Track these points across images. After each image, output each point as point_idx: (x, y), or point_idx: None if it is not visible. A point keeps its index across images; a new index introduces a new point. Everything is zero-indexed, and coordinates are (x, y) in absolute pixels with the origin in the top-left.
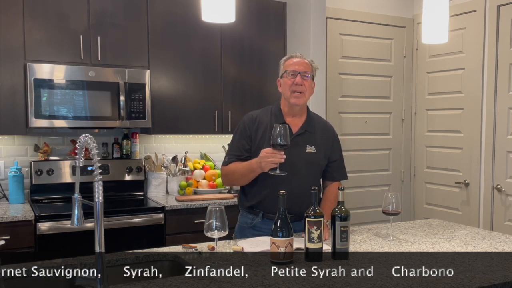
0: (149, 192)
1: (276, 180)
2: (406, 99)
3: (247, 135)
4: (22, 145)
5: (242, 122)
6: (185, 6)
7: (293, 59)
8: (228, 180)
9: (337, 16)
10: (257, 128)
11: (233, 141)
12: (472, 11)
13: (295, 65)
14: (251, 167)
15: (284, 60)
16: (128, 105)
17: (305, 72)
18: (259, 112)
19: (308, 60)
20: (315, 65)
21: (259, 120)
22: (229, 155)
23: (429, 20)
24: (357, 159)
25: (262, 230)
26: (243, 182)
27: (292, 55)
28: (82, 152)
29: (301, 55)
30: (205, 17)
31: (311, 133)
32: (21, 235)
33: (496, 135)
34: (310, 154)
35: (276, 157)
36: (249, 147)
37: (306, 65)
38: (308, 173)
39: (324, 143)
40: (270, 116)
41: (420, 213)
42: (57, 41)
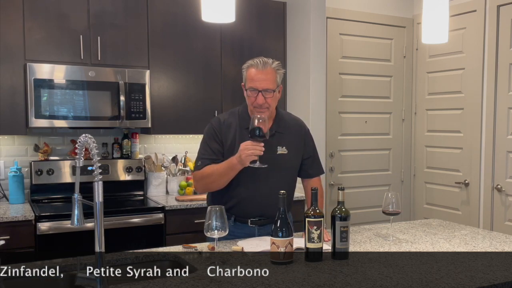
0: (149, 192)
1: (249, 184)
2: (406, 99)
3: (218, 138)
4: (22, 145)
5: (210, 127)
6: (185, 6)
7: (253, 70)
8: (203, 185)
9: (337, 16)
10: (226, 132)
11: (204, 146)
12: (472, 11)
13: (255, 81)
14: (231, 164)
15: (246, 67)
16: (128, 105)
17: (266, 90)
18: (227, 115)
19: (271, 67)
20: (281, 71)
21: (228, 123)
22: (202, 159)
23: (429, 20)
24: (357, 159)
25: (235, 234)
26: (221, 184)
27: (253, 63)
28: (82, 152)
29: (264, 61)
30: (205, 17)
31: (281, 133)
32: (21, 235)
33: (496, 135)
34: (282, 155)
35: (256, 149)
36: (222, 150)
37: (268, 79)
38: (281, 175)
39: (296, 142)
40: (238, 119)
41: (420, 213)
42: (57, 41)
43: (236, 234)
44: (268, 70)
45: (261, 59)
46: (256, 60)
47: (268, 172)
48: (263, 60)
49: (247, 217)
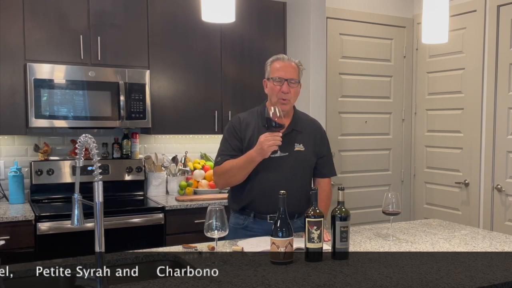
0: (149, 192)
1: (266, 180)
2: (406, 99)
3: (238, 135)
4: (22, 145)
5: (230, 125)
6: (185, 6)
7: (279, 62)
8: (223, 180)
9: (337, 16)
10: (245, 129)
11: (224, 143)
12: (472, 11)
13: (281, 71)
14: (250, 158)
15: (270, 62)
16: (128, 105)
17: (291, 79)
18: (246, 114)
19: (295, 62)
20: (302, 67)
21: (247, 122)
22: (221, 155)
23: (429, 20)
24: (357, 159)
25: (254, 230)
26: (240, 178)
27: (279, 57)
28: (82, 152)
29: (288, 57)
30: (205, 17)
31: (299, 132)
32: (21, 235)
33: (496, 135)
34: (299, 152)
35: (276, 139)
36: (242, 147)
37: (293, 70)
38: (297, 171)
39: (312, 140)
40: (257, 117)
41: (420, 213)
42: (57, 41)
43: (255, 230)
44: (292, 64)
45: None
46: (280, 55)
47: (285, 168)
48: (287, 55)
49: (266, 213)
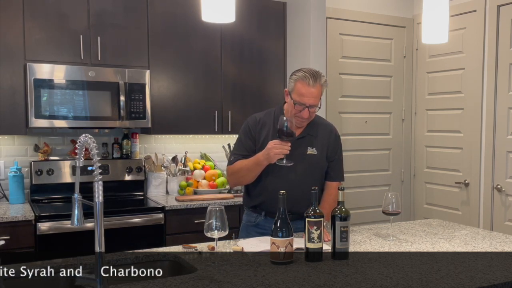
0: (149, 192)
1: (278, 181)
2: (406, 99)
3: (252, 136)
4: (22, 145)
5: (246, 124)
6: (185, 6)
7: (305, 87)
8: (234, 179)
9: (337, 16)
10: (260, 130)
11: (239, 142)
12: (472, 11)
13: (304, 97)
14: (258, 161)
15: (296, 78)
16: (128, 105)
17: (313, 106)
18: (262, 114)
19: (320, 84)
20: (326, 83)
21: (262, 122)
22: (234, 154)
23: (429, 20)
24: (357, 159)
25: (265, 228)
26: (249, 179)
27: (305, 78)
28: (82, 152)
29: (313, 77)
30: (205, 17)
31: (312, 136)
32: (21, 235)
33: (496, 135)
34: (311, 155)
35: (284, 148)
36: (255, 148)
37: (317, 95)
38: (309, 174)
39: (325, 144)
40: (273, 118)
41: (420, 213)
42: (57, 41)
43: (266, 228)
44: (317, 86)
45: (311, 72)
46: (307, 73)
47: (297, 170)
48: (313, 74)
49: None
